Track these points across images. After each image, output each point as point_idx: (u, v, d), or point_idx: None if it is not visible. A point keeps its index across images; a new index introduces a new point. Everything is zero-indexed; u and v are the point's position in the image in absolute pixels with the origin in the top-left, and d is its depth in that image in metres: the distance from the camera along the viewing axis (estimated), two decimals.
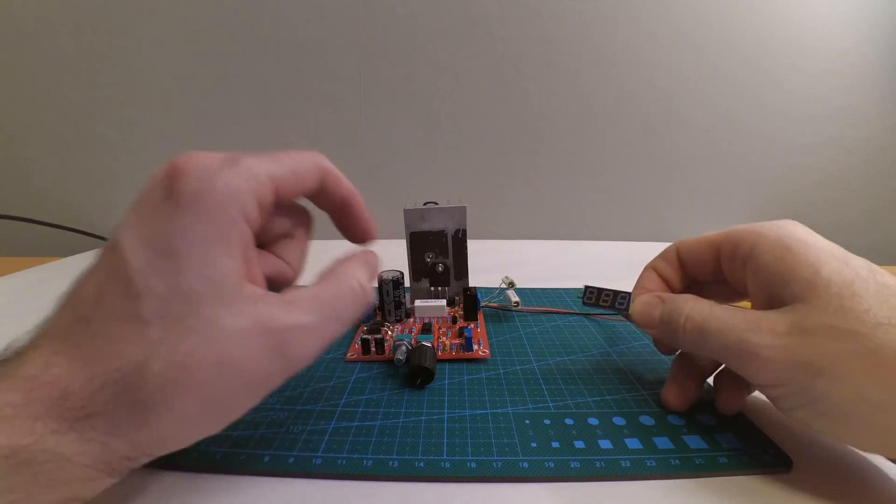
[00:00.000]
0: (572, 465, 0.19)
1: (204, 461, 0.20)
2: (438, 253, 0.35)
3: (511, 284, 0.37)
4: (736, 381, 0.22)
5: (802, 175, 0.62)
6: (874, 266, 0.17)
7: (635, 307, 0.23)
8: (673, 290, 0.25)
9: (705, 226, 0.64)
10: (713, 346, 0.19)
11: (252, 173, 0.16)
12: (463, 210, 0.34)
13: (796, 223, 0.20)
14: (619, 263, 0.53)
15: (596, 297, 0.25)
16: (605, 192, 0.64)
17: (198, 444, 0.20)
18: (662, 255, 0.25)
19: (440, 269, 0.35)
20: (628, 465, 0.19)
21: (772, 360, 0.17)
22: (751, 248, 0.20)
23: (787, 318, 0.17)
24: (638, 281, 0.26)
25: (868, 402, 0.15)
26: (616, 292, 0.24)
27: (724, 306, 0.20)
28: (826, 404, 0.16)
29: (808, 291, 0.17)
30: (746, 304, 0.21)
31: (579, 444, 0.20)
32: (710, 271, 0.23)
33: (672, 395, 0.23)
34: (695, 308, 0.21)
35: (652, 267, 0.25)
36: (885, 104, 0.58)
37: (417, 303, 0.34)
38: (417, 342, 0.27)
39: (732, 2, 0.56)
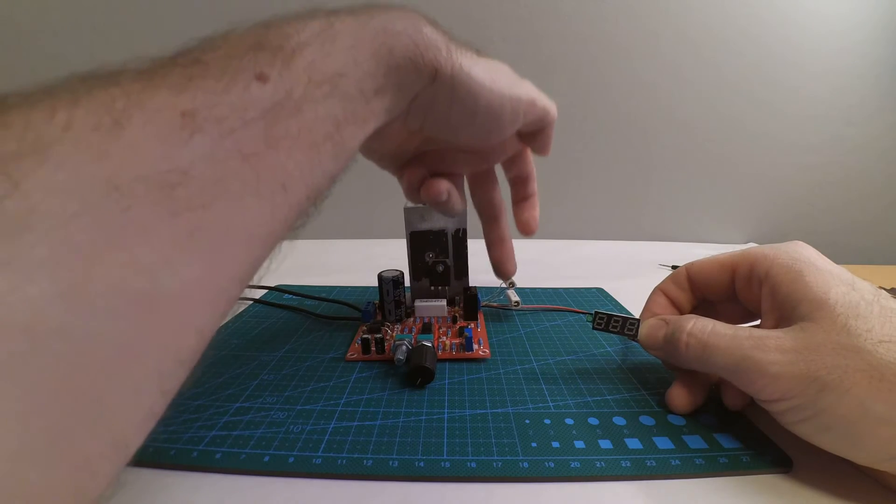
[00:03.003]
0: (572, 465, 0.19)
1: (204, 461, 0.20)
2: (439, 252, 0.35)
3: (511, 284, 0.37)
4: None
5: (804, 176, 0.62)
6: (879, 290, 0.18)
7: (642, 331, 0.24)
8: (682, 313, 0.25)
9: (705, 226, 0.64)
10: (717, 362, 0.20)
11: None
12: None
13: (806, 245, 0.21)
14: (619, 262, 0.53)
15: (606, 324, 0.25)
16: (604, 191, 0.64)
17: (197, 444, 0.20)
18: (672, 278, 0.26)
19: (440, 268, 0.35)
20: (629, 465, 0.19)
21: (779, 376, 0.18)
22: (767, 270, 0.21)
23: (793, 336, 0.18)
24: (646, 305, 0.27)
25: (871, 416, 0.16)
26: (625, 318, 0.25)
27: (727, 324, 0.21)
28: (831, 417, 0.17)
29: (816, 312, 0.18)
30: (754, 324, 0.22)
31: (579, 444, 0.20)
32: (722, 291, 0.24)
33: (678, 398, 0.23)
34: (697, 325, 0.21)
35: (661, 290, 0.26)
36: (887, 104, 0.58)
37: (417, 302, 0.34)
38: (417, 342, 0.27)
39: (733, 2, 0.56)
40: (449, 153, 0.27)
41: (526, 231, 0.31)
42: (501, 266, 0.32)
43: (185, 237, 0.10)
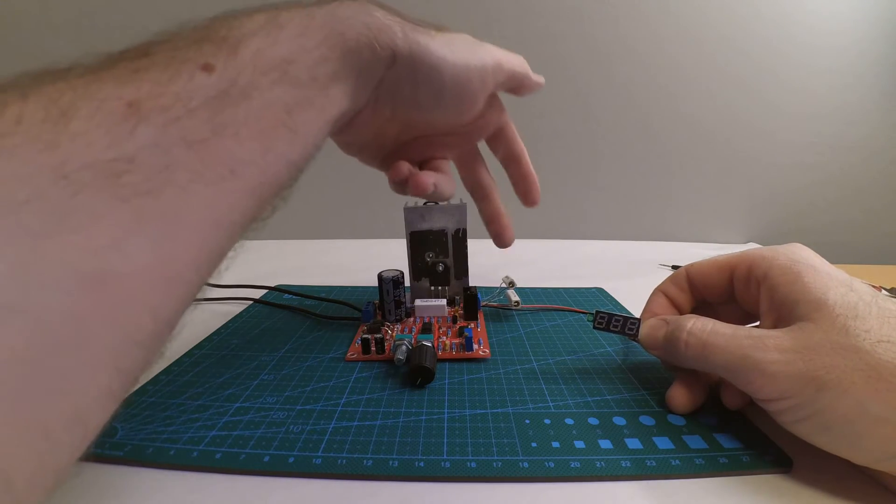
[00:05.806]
0: (572, 465, 0.19)
1: (204, 461, 0.20)
2: (439, 252, 0.35)
3: (511, 284, 0.37)
4: None
5: (803, 174, 0.62)
6: (876, 292, 0.19)
7: (643, 330, 0.25)
8: (682, 313, 0.26)
9: (705, 225, 0.64)
10: (717, 361, 0.20)
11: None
12: (463, 209, 0.34)
13: (804, 247, 0.22)
14: (619, 262, 0.53)
15: (606, 323, 0.25)
16: (605, 191, 0.64)
17: (198, 444, 0.20)
18: (671, 279, 0.26)
19: (440, 268, 0.35)
20: (629, 465, 0.19)
21: (778, 375, 0.18)
22: (765, 271, 0.21)
23: (792, 336, 0.18)
24: (646, 305, 0.27)
25: (869, 415, 0.16)
26: (626, 318, 0.25)
27: (727, 324, 0.21)
28: (829, 417, 0.17)
29: (815, 312, 0.18)
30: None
31: (579, 444, 0.20)
32: (721, 292, 0.24)
33: (678, 398, 0.23)
34: (696, 325, 0.21)
35: (661, 290, 0.27)
36: (886, 103, 0.58)
37: (417, 302, 0.34)
38: (417, 342, 0.27)
39: (732, 1, 0.56)
40: (430, 139, 0.27)
41: (530, 205, 0.32)
42: (500, 238, 0.33)
43: (134, 222, 0.11)
